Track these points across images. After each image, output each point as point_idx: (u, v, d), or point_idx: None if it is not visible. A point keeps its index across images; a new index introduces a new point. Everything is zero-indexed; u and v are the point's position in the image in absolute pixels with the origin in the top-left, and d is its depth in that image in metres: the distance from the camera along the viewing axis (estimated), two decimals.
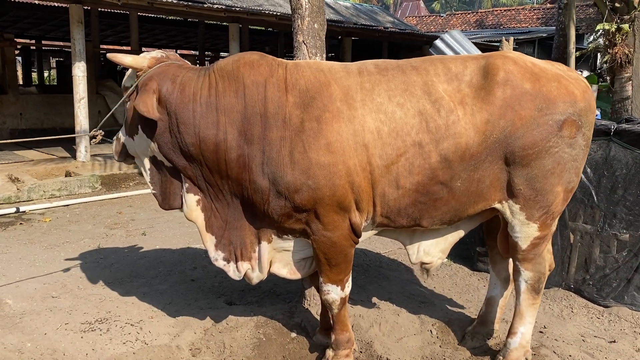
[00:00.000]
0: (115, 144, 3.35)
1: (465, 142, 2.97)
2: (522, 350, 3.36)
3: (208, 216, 3.20)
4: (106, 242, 5.79)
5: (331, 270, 3.20)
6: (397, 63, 3.20)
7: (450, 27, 28.96)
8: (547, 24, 26.30)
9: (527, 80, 3.04)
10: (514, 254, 3.31)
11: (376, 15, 20.10)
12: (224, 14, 9.85)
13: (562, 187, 3.12)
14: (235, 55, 3.16)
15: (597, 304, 4.34)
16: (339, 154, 2.91)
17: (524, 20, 28.04)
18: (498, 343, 3.71)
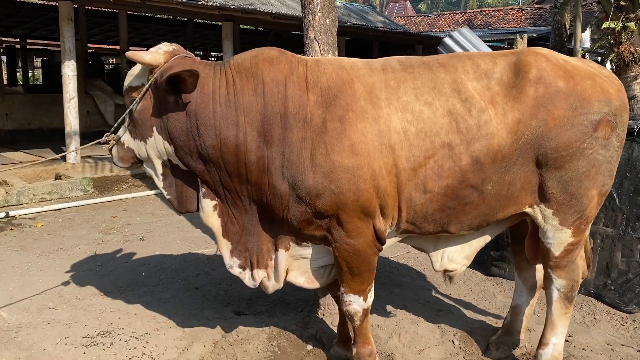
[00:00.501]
0: (117, 150, 3.01)
1: (497, 143, 2.81)
2: None
3: (225, 222, 3.00)
4: (103, 249, 5.53)
5: (353, 279, 3.01)
6: (422, 60, 3.03)
7: (439, 28, 28.97)
8: (535, 24, 26.37)
9: (560, 78, 2.88)
10: (546, 261, 3.14)
11: (367, 15, 19.98)
12: (218, 12, 9.61)
13: (596, 190, 2.97)
14: (253, 51, 2.95)
15: (619, 310, 4.20)
16: (363, 156, 2.73)
17: (512, 21, 28.13)
18: (524, 353, 3.55)
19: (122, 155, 3.01)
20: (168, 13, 11.78)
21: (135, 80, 2.88)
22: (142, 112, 2.84)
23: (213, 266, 5.15)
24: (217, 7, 9.32)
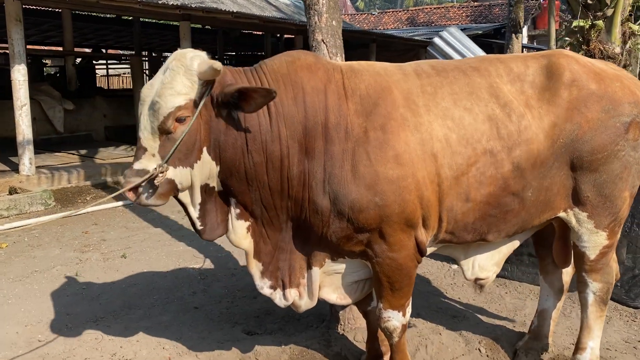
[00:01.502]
0: (161, 186, 2.44)
1: (536, 149, 2.78)
2: None
3: (257, 242, 2.79)
4: (83, 269, 5.13)
5: (393, 295, 2.87)
6: (454, 64, 2.97)
7: (383, 25, 29.31)
8: (476, 21, 27.12)
9: (592, 81, 2.88)
10: (580, 265, 3.12)
11: None
12: (179, 11, 9.21)
13: (629, 191, 2.99)
14: (286, 56, 2.74)
15: (626, 306, 4.27)
16: (408, 166, 2.61)
17: (454, 18, 28.82)
18: (553, 358, 3.52)
19: (162, 192, 2.47)
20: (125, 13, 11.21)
21: (181, 98, 2.40)
22: (192, 132, 2.46)
23: (207, 282, 4.88)
24: (178, 6, 8.92)
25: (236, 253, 5.55)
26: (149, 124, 2.44)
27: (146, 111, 2.45)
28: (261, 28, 13.52)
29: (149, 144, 2.46)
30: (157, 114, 2.41)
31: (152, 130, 2.44)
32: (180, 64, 2.43)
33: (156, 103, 2.40)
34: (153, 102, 2.42)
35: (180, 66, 2.42)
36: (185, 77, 2.41)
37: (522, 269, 4.77)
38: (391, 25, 29.45)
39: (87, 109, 12.89)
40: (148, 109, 2.44)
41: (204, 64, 2.40)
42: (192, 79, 2.41)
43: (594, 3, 7.08)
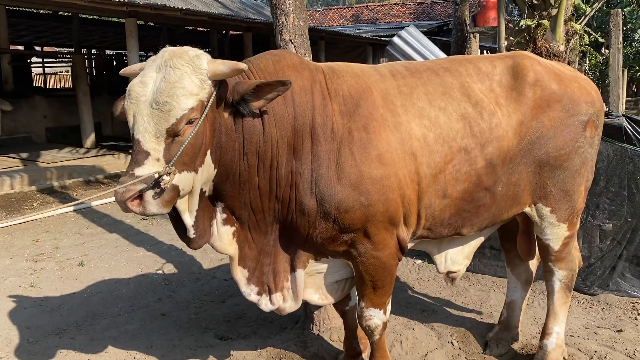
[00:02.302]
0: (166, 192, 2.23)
1: (506, 145, 2.90)
2: (560, 350, 3.36)
3: (242, 247, 2.73)
4: (39, 280, 4.89)
5: (376, 293, 2.91)
6: (425, 65, 3.04)
7: (328, 22, 29.44)
8: (419, 18, 27.64)
9: (553, 81, 3.04)
10: (546, 256, 3.30)
11: (262, 9, 19.69)
12: (126, 8, 8.91)
13: (584, 185, 3.20)
14: (271, 55, 2.69)
15: (583, 293, 4.48)
16: (390, 165, 2.65)
17: (397, 15, 29.27)
18: (522, 347, 3.66)
19: (168, 199, 2.25)
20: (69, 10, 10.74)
21: (193, 99, 2.25)
22: (200, 135, 2.30)
23: (173, 288, 4.76)
24: (124, 2, 8.62)
25: (199, 257, 5.45)
26: (153, 126, 2.23)
27: (146, 111, 2.23)
28: (210, 25, 13.30)
29: (153, 147, 2.24)
30: (167, 116, 2.22)
31: (157, 133, 2.23)
32: (185, 62, 2.26)
33: (166, 103, 2.20)
34: (160, 101, 2.21)
35: (185, 64, 2.26)
36: (194, 76, 2.26)
37: (484, 262, 4.92)
38: (336, 22, 29.61)
39: (25, 110, 12.25)
40: (150, 109, 2.23)
41: (221, 64, 2.29)
42: (201, 78, 2.27)
43: (539, 3, 7.36)
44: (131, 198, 2.17)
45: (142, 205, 2.22)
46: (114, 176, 9.21)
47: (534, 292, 4.45)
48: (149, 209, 2.23)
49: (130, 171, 2.22)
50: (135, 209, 2.22)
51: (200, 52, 2.35)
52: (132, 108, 2.28)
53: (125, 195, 2.17)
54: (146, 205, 2.22)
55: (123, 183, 2.19)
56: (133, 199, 2.18)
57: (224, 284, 4.82)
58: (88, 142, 11.76)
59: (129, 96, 2.29)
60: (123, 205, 2.21)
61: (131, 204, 2.20)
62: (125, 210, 2.24)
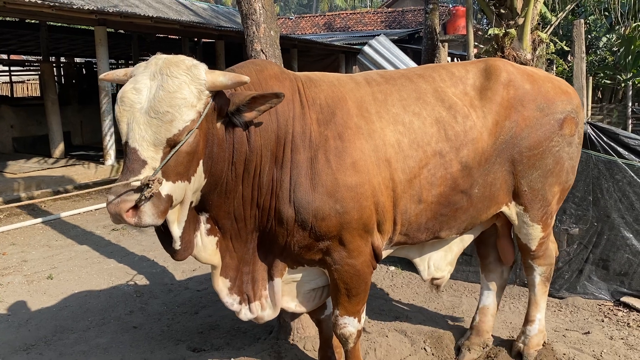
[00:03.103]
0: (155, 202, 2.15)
1: (481, 147, 2.95)
2: (541, 335, 3.57)
3: (224, 257, 2.72)
4: (6, 294, 4.77)
5: (350, 301, 2.92)
6: (400, 72, 3.08)
7: (301, 30, 29.55)
8: (390, 26, 27.96)
9: (526, 81, 3.11)
10: (525, 255, 3.43)
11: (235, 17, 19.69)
12: (95, 16, 8.80)
13: (559, 186, 3.24)
14: (253, 65, 2.69)
15: (552, 297, 4.56)
16: (364, 172, 2.67)
17: (369, 23, 29.54)
18: (495, 352, 3.70)
19: (163, 209, 2.18)
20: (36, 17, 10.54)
21: (194, 110, 2.22)
22: (194, 144, 2.26)
23: (144, 299, 4.70)
24: (93, 10, 8.51)
25: (171, 267, 5.39)
26: (151, 135, 2.17)
27: (143, 119, 2.17)
28: (181, 33, 13.21)
29: (150, 156, 2.17)
30: (168, 125, 2.17)
31: (156, 142, 2.18)
32: (183, 72, 2.22)
33: (167, 113, 2.16)
34: (160, 111, 2.16)
35: (183, 74, 2.22)
36: (193, 86, 2.22)
37: (456, 268, 4.90)
38: (309, 30, 29.74)
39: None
40: (148, 117, 2.17)
41: (220, 76, 2.27)
42: (199, 88, 2.24)
43: (506, 12, 7.53)
44: (127, 209, 2.10)
45: (138, 215, 2.13)
46: (84, 186, 9.05)
47: (505, 296, 4.52)
48: (144, 219, 2.14)
49: (125, 180, 2.13)
50: (130, 219, 2.13)
51: (197, 62, 2.31)
52: (126, 115, 2.20)
53: (121, 206, 2.09)
54: (142, 216, 2.13)
55: (116, 193, 2.11)
56: (129, 210, 2.11)
57: (196, 294, 4.77)
58: (57, 152, 11.53)
59: (122, 103, 2.22)
60: (118, 217, 2.13)
61: (126, 215, 2.12)
62: (117, 222, 2.17)
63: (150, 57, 2.39)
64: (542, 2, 7.59)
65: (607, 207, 4.36)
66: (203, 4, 20.90)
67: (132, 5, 14.50)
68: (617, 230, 4.35)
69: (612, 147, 4.32)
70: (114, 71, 2.48)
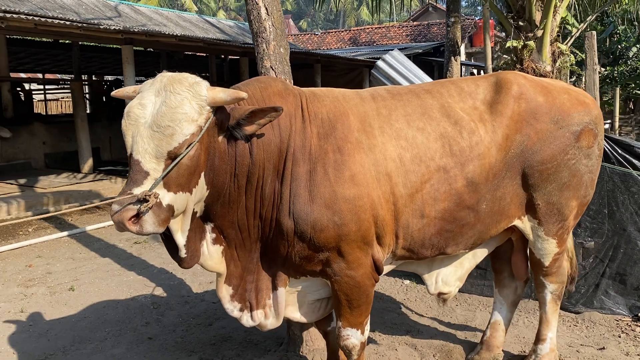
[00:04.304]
0: (156, 212, 2.27)
1: (489, 162, 2.93)
2: (552, 354, 3.48)
3: (228, 265, 2.81)
4: (29, 305, 4.93)
5: (352, 313, 2.95)
6: (408, 88, 3.10)
7: (326, 45, 29.78)
8: (415, 40, 27.98)
9: (539, 94, 3.07)
10: (537, 271, 3.36)
11: None
12: (121, 35, 9.09)
13: (577, 201, 3.17)
14: (258, 82, 2.79)
15: (568, 311, 4.49)
16: (363, 186, 2.72)
17: (394, 37, 29.62)
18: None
19: (164, 218, 2.30)
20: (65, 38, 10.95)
21: (195, 124, 2.33)
22: (196, 157, 2.38)
23: (161, 311, 4.79)
24: (119, 30, 8.80)
25: (188, 280, 5.49)
26: (153, 147, 2.30)
27: (146, 133, 2.30)
28: (206, 50, 13.50)
29: (153, 167, 2.30)
30: (169, 139, 2.29)
31: (158, 154, 2.30)
32: (185, 89, 2.35)
33: (168, 127, 2.29)
34: (162, 125, 2.29)
35: (185, 90, 2.35)
36: (195, 102, 2.35)
37: (470, 281, 4.94)
38: (334, 45, 29.98)
39: (25, 136, 12.42)
40: (150, 131, 2.30)
41: (221, 92, 2.38)
42: (201, 104, 2.36)
43: (525, 25, 7.49)
44: (129, 217, 2.22)
45: (139, 224, 2.25)
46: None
47: (519, 310, 4.47)
48: (145, 227, 2.26)
49: (128, 190, 2.26)
50: (132, 227, 2.25)
51: (199, 79, 2.44)
52: (131, 129, 2.35)
53: (123, 214, 2.21)
54: (143, 224, 2.26)
55: (121, 203, 2.23)
56: (131, 218, 2.23)
57: (212, 306, 4.85)
58: (86, 167, 11.86)
59: (128, 117, 2.36)
60: (119, 224, 2.25)
61: (128, 223, 2.24)
62: (120, 230, 2.29)
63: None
64: (561, 14, 7.53)
65: (622, 220, 4.29)
66: (230, 21, 21.36)
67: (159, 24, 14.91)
68: (633, 244, 4.27)
69: (627, 159, 4.26)
70: (125, 88, 2.62)
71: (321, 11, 49.65)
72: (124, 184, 2.37)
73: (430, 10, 34.19)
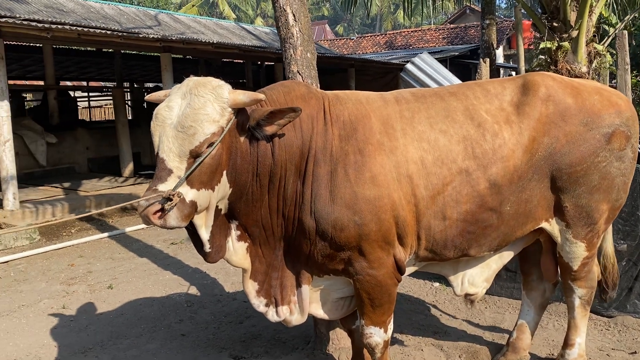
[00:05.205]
0: (180, 208, 2.41)
1: (513, 165, 2.92)
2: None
3: (253, 262, 2.92)
4: (70, 302, 5.17)
5: (374, 311, 3.00)
6: (433, 90, 3.13)
7: (362, 50, 29.79)
8: (452, 42, 27.65)
9: (568, 95, 3.04)
10: (565, 275, 3.31)
11: None
12: (160, 44, 9.40)
13: (608, 204, 3.11)
14: (282, 87, 2.92)
15: (600, 315, 4.42)
16: (383, 187, 2.77)
17: (430, 40, 29.36)
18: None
19: (187, 213, 2.45)
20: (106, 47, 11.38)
21: (216, 124, 2.48)
22: (217, 156, 2.52)
23: (194, 309, 4.95)
24: (158, 39, 9.11)
25: (221, 279, 5.64)
26: (177, 147, 2.45)
27: (171, 133, 2.46)
28: (242, 57, 13.78)
29: (176, 166, 2.45)
30: (191, 138, 2.44)
31: (181, 153, 2.45)
32: (208, 91, 2.50)
33: (191, 127, 2.43)
34: (185, 125, 2.44)
35: (208, 93, 2.50)
36: (217, 103, 2.49)
37: (500, 284, 4.91)
38: (370, 49, 29.96)
39: (69, 142, 12.93)
40: (175, 131, 2.45)
41: (241, 94, 2.53)
42: (222, 106, 2.51)
43: (559, 25, 7.39)
44: (153, 211, 2.38)
45: (163, 218, 2.42)
46: None
47: (550, 313, 4.43)
48: (169, 221, 2.43)
49: (153, 187, 2.44)
50: (157, 221, 2.42)
51: (222, 83, 2.60)
52: (158, 130, 2.52)
53: (149, 209, 2.38)
54: (167, 218, 2.42)
55: (147, 198, 2.40)
56: (155, 212, 2.39)
57: (243, 305, 4.97)
58: (126, 171, 12.25)
59: (156, 119, 2.55)
60: (145, 218, 2.43)
61: (153, 217, 2.41)
62: (146, 223, 2.47)
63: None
64: (597, 14, 7.40)
65: None
66: (266, 28, 21.67)
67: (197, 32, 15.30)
68: None
69: None
70: (157, 92, 2.80)
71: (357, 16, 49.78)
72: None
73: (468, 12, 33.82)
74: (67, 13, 12.06)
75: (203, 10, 39.56)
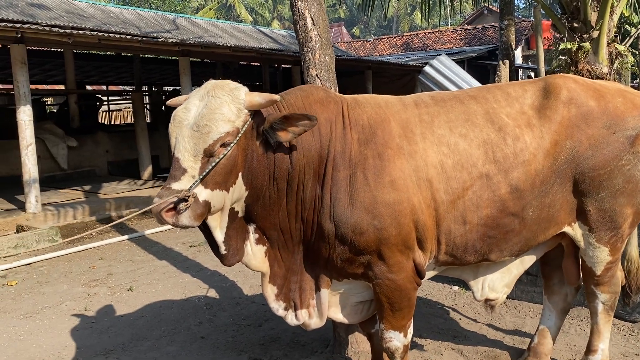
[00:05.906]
0: (193, 207, 2.41)
1: (534, 169, 2.89)
2: None
3: (272, 265, 2.93)
4: (92, 304, 5.23)
5: (394, 315, 2.99)
6: (453, 94, 3.11)
7: (379, 52, 29.75)
8: (470, 43, 27.48)
9: (591, 98, 3.00)
10: (588, 279, 3.26)
11: None
12: (178, 48, 9.49)
13: (632, 208, 3.06)
14: (300, 91, 2.92)
15: (623, 320, 4.35)
16: (403, 191, 2.76)
17: (448, 42, 29.22)
18: None
19: (199, 213, 2.45)
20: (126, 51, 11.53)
21: (230, 124, 2.49)
22: (232, 157, 2.52)
23: (213, 312, 4.98)
24: (176, 43, 9.20)
25: (240, 282, 5.66)
26: (192, 146, 2.47)
27: (187, 133, 2.48)
28: (259, 60, 13.85)
29: (190, 165, 2.47)
30: (205, 137, 2.46)
31: (195, 152, 2.47)
32: (225, 93, 2.52)
33: (205, 126, 2.46)
34: (200, 125, 2.46)
35: (225, 95, 2.52)
36: (233, 105, 2.51)
37: (520, 288, 4.86)
38: (387, 51, 29.90)
39: (89, 145, 13.11)
40: (191, 131, 2.48)
41: (257, 96, 2.55)
42: (239, 107, 2.53)
43: (579, 26, 7.29)
44: (166, 209, 2.39)
45: (176, 216, 2.42)
46: None
47: (572, 318, 4.37)
48: (181, 220, 2.42)
49: (168, 185, 2.46)
50: (169, 219, 2.43)
51: (239, 85, 2.61)
52: (175, 131, 2.55)
53: (162, 207, 2.40)
54: (179, 217, 2.42)
55: (161, 196, 2.42)
56: (167, 210, 2.40)
57: (262, 308, 4.99)
58: (145, 174, 12.38)
59: (174, 120, 2.58)
60: (158, 216, 2.44)
61: (165, 215, 2.42)
62: (160, 222, 2.48)
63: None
64: (618, 14, 7.28)
65: None
66: (283, 31, 21.75)
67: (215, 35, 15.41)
68: None
69: None
70: (178, 97, 2.83)
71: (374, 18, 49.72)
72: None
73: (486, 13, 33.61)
74: (88, 18, 12.24)
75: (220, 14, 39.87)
